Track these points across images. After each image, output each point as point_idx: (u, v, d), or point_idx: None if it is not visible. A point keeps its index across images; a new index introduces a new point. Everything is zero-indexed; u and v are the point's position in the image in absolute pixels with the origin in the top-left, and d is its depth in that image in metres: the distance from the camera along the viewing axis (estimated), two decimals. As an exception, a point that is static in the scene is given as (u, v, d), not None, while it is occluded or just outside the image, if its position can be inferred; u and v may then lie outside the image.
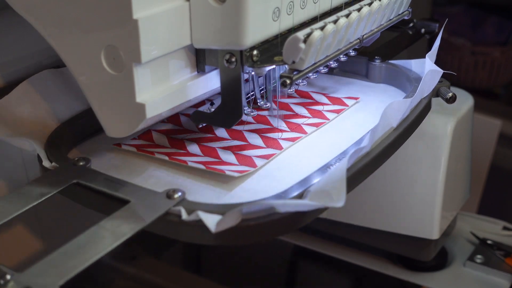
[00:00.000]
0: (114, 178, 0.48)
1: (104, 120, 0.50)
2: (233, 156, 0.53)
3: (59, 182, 0.47)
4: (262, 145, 0.55)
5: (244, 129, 0.57)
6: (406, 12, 0.63)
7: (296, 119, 0.59)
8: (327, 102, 0.63)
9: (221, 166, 0.51)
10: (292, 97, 0.64)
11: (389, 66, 0.67)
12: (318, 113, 0.60)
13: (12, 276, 0.37)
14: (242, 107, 0.50)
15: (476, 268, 0.78)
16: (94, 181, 0.47)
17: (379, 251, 0.81)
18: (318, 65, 0.50)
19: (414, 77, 0.63)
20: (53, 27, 0.49)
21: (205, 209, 0.43)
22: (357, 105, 0.62)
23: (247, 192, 0.48)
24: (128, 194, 0.46)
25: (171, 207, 0.44)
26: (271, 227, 0.43)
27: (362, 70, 0.69)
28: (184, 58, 0.50)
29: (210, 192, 0.48)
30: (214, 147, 0.55)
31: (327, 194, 0.42)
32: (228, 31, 0.47)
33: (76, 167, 0.49)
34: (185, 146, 0.55)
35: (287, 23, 0.50)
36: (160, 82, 0.48)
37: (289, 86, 0.47)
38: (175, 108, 0.51)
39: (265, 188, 0.48)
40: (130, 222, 0.42)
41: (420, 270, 0.79)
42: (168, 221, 0.43)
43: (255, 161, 0.52)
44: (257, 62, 0.49)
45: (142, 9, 0.44)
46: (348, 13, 0.52)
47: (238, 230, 0.42)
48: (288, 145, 0.54)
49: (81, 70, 0.49)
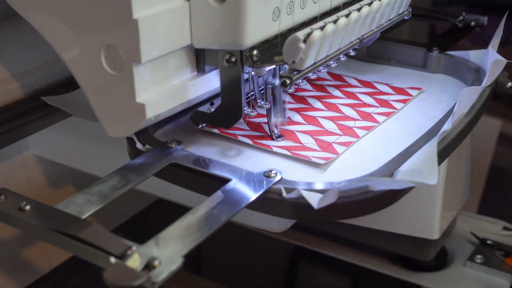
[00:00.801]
0: (210, 159, 0.50)
1: (104, 120, 0.50)
2: (313, 140, 0.54)
3: (156, 163, 0.49)
4: (339, 132, 0.56)
5: (318, 116, 0.59)
6: (406, 12, 0.64)
7: (366, 107, 0.61)
8: (391, 92, 0.64)
9: (305, 151, 0.52)
10: (356, 86, 0.66)
11: (447, 57, 0.68)
12: (385, 102, 0.62)
13: (137, 248, 0.39)
14: (242, 107, 0.51)
15: (476, 268, 0.78)
16: (190, 161, 0.49)
17: (379, 251, 0.81)
18: (318, 65, 0.50)
19: (474, 68, 0.64)
20: (53, 27, 0.49)
21: (304, 187, 0.45)
22: (420, 94, 0.64)
23: (334, 174, 0.50)
24: (227, 174, 0.47)
25: (271, 185, 0.45)
26: (367, 204, 0.45)
27: (419, 61, 0.70)
28: (184, 58, 0.50)
29: (299, 173, 0.50)
30: (293, 131, 0.56)
31: (419, 173, 0.44)
32: (228, 31, 0.47)
33: (169, 149, 0.50)
34: (263, 128, 0.56)
35: (287, 23, 0.51)
36: (160, 82, 0.48)
37: (289, 86, 0.47)
38: (175, 108, 0.51)
39: (350, 171, 0.50)
40: (235, 199, 0.44)
41: (420, 270, 0.79)
42: (269, 199, 0.45)
43: (336, 148, 0.53)
44: (257, 62, 0.49)
45: (142, 9, 0.44)
46: (348, 13, 0.52)
47: (337, 207, 0.44)
48: (363, 133, 0.56)
49: (81, 70, 0.49)
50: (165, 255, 0.38)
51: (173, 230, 0.41)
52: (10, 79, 0.63)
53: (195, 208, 0.43)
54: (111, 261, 0.38)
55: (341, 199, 0.44)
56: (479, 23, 0.84)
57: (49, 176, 0.72)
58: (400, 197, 0.47)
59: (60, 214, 0.43)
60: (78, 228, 0.41)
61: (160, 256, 0.38)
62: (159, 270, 0.37)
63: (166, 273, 0.37)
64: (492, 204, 1.13)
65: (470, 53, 0.67)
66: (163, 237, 0.40)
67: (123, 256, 0.38)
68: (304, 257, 0.90)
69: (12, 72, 0.63)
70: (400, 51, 0.68)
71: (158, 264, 0.37)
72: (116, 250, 0.39)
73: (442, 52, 0.69)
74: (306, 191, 0.44)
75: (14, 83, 0.63)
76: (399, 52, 0.67)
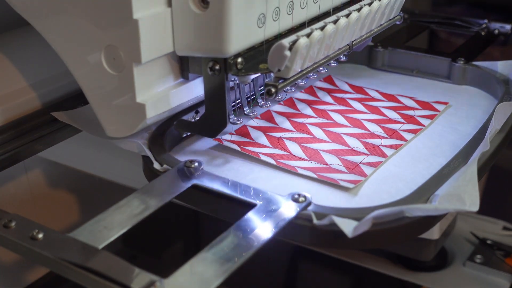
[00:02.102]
0: (235, 181, 0.46)
1: (104, 120, 0.50)
2: (339, 161, 0.51)
3: (176, 185, 0.46)
4: (365, 151, 0.53)
5: (342, 133, 0.56)
6: (398, 17, 0.62)
7: (391, 124, 0.58)
8: (416, 106, 0.62)
9: (331, 174, 0.49)
10: (379, 100, 0.63)
11: (473, 68, 0.66)
12: (411, 118, 0.59)
13: (161, 283, 0.35)
14: (227, 116, 0.49)
15: (476, 268, 0.78)
16: (213, 184, 0.46)
17: (379, 251, 0.80)
18: (305, 72, 0.48)
19: (502, 79, 0.62)
20: (53, 27, 0.49)
21: (336, 213, 0.42)
22: (448, 109, 0.61)
23: (364, 198, 0.47)
24: (253, 197, 0.44)
25: (300, 211, 0.42)
26: (402, 231, 0.43)
27: (444, 72, 0.67)
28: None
29: (330, 197, 0.47)
30: (317, 150, 0.53)
31: (458, 198, 0.41)
32: (211, 38, 0.45)
33: (189, 168, 0.47)
34: (287, 146, 0.53)
35: (273, 29, 0.49)
36: (160, 82, 0.48)
37: (274, 94, 0.45)
38: (175, 108, 0.51)
39: (379, 194, 0.47)
40: (261, 227, 0.41)
41: (420, 270, 0.79)
42: (298, 225, 0.42)
43: (363, 169, 0.50)
44: (242, 70, 0.47)
45: (142, 9, 0.44)
46: (337, 19, 0.50)
47: (371, 234, 0.41)
48: (391, 152, 0.53)
49: (81, 70, 0.49)
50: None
51: (199, 260, 0.37)
52: (19, 92, 0.60)
53: (221, 236, 0.39)
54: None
55: (375, 226, 0.41)
56: (503, 31, 0.80)
57: (49, 176, 0.72)
58: (436, 223, 0.44)
59: (76, 244, 0.39)
60: (96, 260, 0.38)
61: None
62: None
63: None
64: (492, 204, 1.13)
65: (498, 63, 0.64)
66: (189, 269, 0.37)
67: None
68: (304, 257, 0.90)
69: (21, 85, 0.60)
70: (423, 60, 0.66)
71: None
72: (138, 285, 0.35)
73: (468, 63, 0.66)
74: (338, 218, 0.41)
75: (23, 96, 0.60)
76: (422, 62, 0.65)
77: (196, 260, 0.37)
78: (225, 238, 0.39)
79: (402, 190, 0.47)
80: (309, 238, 0.42)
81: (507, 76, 0.63)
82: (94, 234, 0.40)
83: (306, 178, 0.49)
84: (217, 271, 0.36)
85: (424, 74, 0.69)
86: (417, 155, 0.53)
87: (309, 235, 0.42)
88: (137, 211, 0.42)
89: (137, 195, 0.44)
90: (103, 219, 0.41)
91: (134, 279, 0.36)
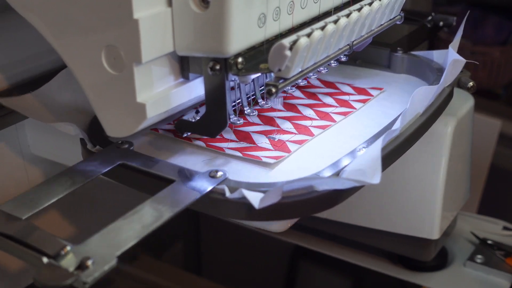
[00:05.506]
0: (158, 159, 0.50)
1: (104, 120, 0.50)
2: (267, 140, 0.54)
3: (105, 163, 0.49)
4: (294, 131, 0.56)
5: (276, 116, 0.58)
6: (398, 17, 0.63)
7: (324, 107, 0.60)
8: (352, 92, 0.64)
9: (257, 152, 0.52)
10: (318, 87, 0.65)
11: (411, 57, 0.68)
12: (344, 102, 0.62)
13: (71, 248, 0.39)
14: (227, 116, 0.50)
15: (476, 268, 0.78)
16: (138, 162, 0.49)
17: (379, 251, 0.81)
18: (305, 72, 0.49)
19: (436, 68, 0.64)
20: (53, 27, 0.49)
21: (248, 187, 0.45)
22: (382, 94, 0.64)
23: (283, 173, 0.50)
24: (172, 174, 0.47)
25: (215, 185, 0.45)
26: (310, 204, 0.45)
27: (384, 61, 0.70)
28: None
29: (248, 173, 0.50)
30: (248, 132, 0.56)
31: (362, 172, 0.44)
32: (211, 38, 0.46)
33: (120, 149, 0.51)
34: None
35: (273, 29, 0.49)
36: (160, 82, 0.48)
37: (275, 94, 0.46)
38: (175, 108, 0.51)
39: (300, 170, 0.50)
40: (176, 200, 0.44)
41: (420, 270, 0.79)
42: (213, 199, 0.45)
43: (289, 146, 0.53)
44: (242, 70, 0.47)
45: (143, 9, 0.44)
46: (337, 19, 0.51)
47: (279, 206, 0.44)
48: (318, 132, 0.55)
49: (81, 70, 0.49)
50: (100, 255, 0.38)
51: (111, 229, 0.40)
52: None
53: (137, 208, 0.43)
54: (43, 261, 0.38)
55: (284, 199, 0.44)
56: (448, 23, 0.84)
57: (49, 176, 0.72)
58: (345, 197, 0.46)
59: (1, 215, 0.43)
60: (16, 228, 0.41)
61: (95, 256, 0.38)
62: (91, 270, 0.37)
63: (98, 273, 0.37)
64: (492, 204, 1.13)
65: (433, 53, 0.67)
66: (101, 236, 0.40)
67: (56, 256, 0.38)
68: (304, 257, 0.90)
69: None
70: (365, 51, 0.67)
71: (92, 264, 0.37)
72: (50, 250, 0.38)
73: (406, 52, 0.69)
74: (247, 191, 0.44)
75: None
76: (365, 52, 0.67)
77: (109, 228, 0.40)
78: (140, 210, 0.43)
79: (321, 166, 0.49)
80: (222, 210, 0.46)
81: (441, 64, 0.65)
82: (21, 206, 0.44)
83: (235, 158, 0.52)
84: (129, 236, 0.40)
85: (367, 63, 0.71)
86: (344, 135, 0.55)
87: (223, 208, 0.46)
88: (65, 187, 0.46)
89: (67, 172, 0.48)
90: (32, 193, 0.46)
91: (48, 244, 0.39)
